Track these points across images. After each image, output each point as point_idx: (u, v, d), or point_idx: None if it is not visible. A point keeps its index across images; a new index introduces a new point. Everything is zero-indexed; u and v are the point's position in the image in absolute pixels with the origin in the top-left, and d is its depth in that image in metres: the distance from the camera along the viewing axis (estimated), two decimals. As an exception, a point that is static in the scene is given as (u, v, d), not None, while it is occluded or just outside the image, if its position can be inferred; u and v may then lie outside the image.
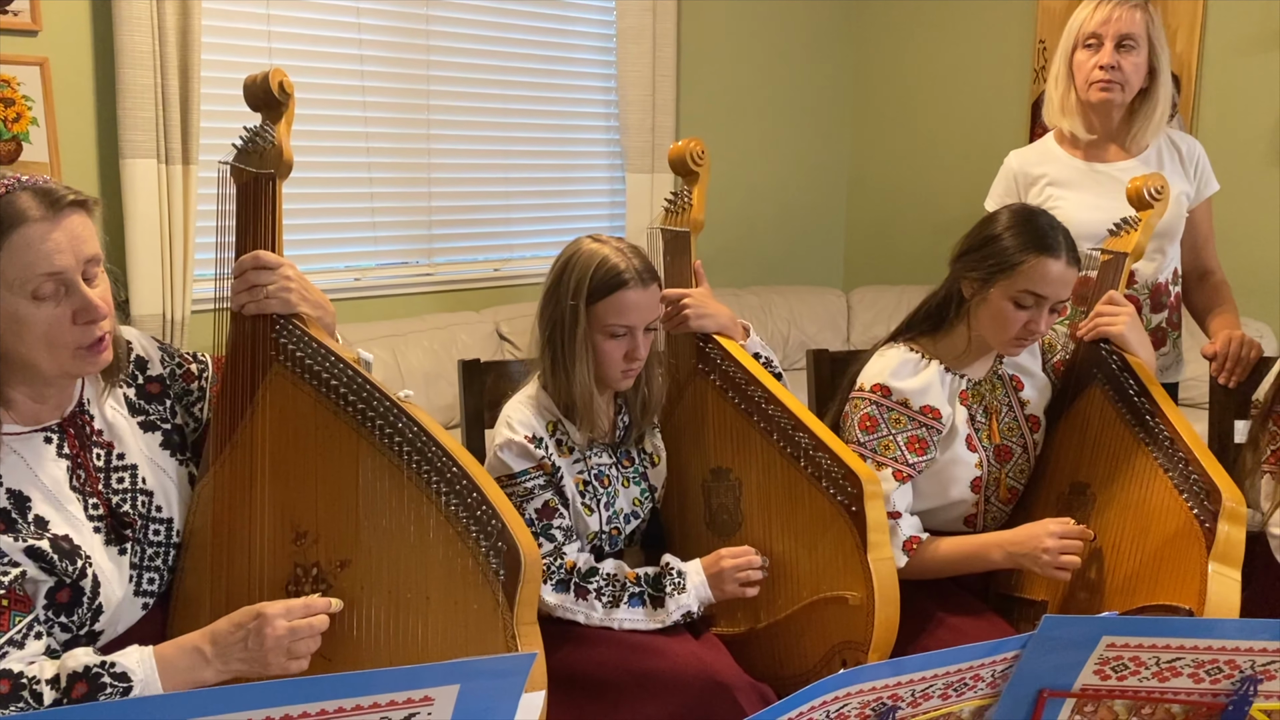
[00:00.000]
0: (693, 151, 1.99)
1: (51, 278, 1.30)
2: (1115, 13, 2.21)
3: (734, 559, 1.78)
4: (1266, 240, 3.65)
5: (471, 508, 1.41)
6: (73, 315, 1.33)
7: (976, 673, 1.24)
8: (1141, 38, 2.23)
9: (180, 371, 1.57)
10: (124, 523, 1.44)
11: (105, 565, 1.40)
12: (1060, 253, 1.84)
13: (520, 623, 1.39)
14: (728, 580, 1.78)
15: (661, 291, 1.89)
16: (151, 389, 1.53)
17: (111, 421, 1.47)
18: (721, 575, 1.78)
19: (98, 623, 1.39)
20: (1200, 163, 2.34)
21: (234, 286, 1.53)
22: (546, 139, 3.99)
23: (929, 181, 4.64)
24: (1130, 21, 2.22)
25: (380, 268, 3.64)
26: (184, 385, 1.57)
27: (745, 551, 1.79)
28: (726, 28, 4.37)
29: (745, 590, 1.78)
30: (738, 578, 1.77)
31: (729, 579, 1.77)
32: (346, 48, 3.45)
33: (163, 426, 1.53)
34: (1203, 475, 1.72)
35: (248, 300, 1.51)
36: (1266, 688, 1.26)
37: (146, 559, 1.47)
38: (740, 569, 1.77)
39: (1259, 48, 3.75)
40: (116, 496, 1.44)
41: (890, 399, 1.92)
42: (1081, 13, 2.25)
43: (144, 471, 1.48)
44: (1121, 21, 2.21)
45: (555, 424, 1.82)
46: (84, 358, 1.36)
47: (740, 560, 1.78)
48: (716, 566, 1.79)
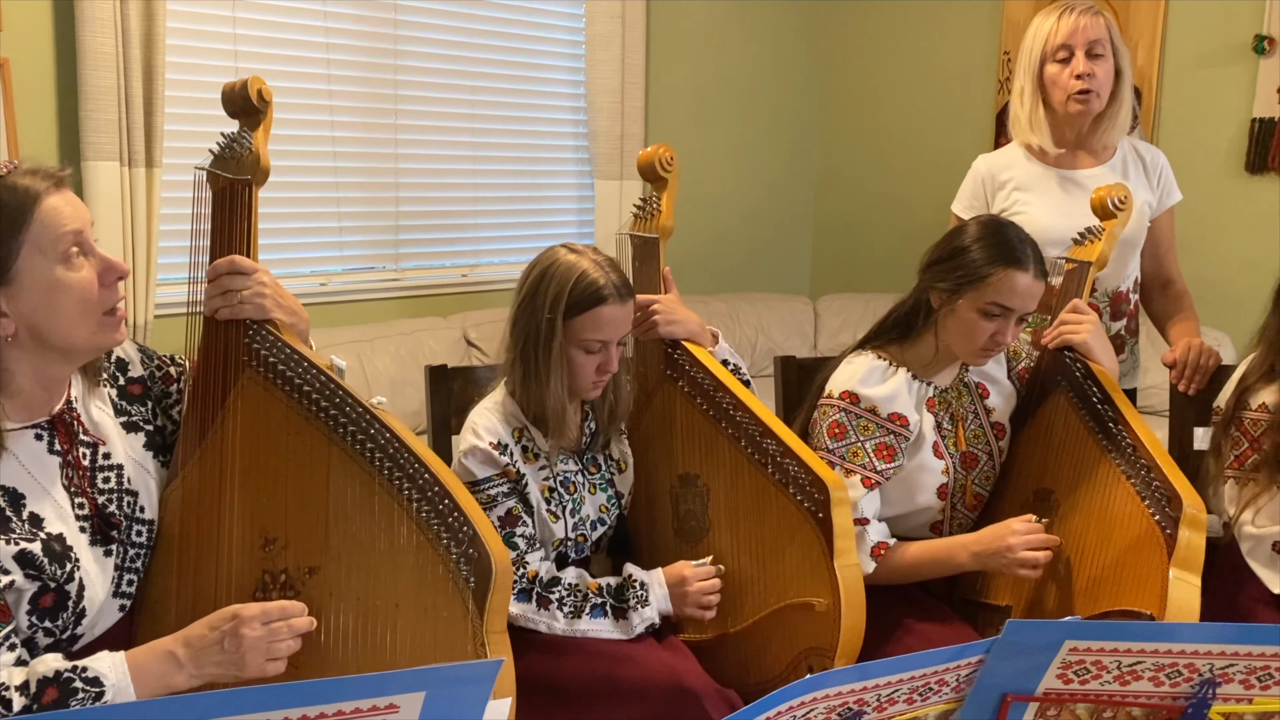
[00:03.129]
0: (661, 158, 2.00)
1: (75, 236, 1.36)
2: (1081, 21, 2.23)
3: (700, 581, 1.78)
4: (1226, 250, 3.72)
5: (443, 515, 1.41)
6: (100, 275, 1.38)
7: (941, 677, 1.25)
8: (1107, 43, 2.26)
9: (160, 374, 1.58)
10: (110, 523, 1.43)
11: (91, 567, 1.39)
12: (1028, 266, 1.87)
13: (490, 631, 1.39)
14: (689, 602, 1.78)
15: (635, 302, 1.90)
16: (133, 390, 1.54)
17: (98, 420, 1.47)
18: (685, 596, 1.78)
19: (80, 626, 1.38)
20: (1164, 173, 2.38)
21: (208, 291, 1.52)
22: (515, 145, 3.99)
23: (896, 190, 4.68)
24: (1097, 28, 2.24)
25: (347, 273, 3.62)
26: (163, 388, 1.57)
27: (707, 573, 1.80)
28: (695, 35, 4.39)
29: (704, 615, 1.79)
30: (700, 602, 1.78)
31: (690, 601, 1.78)
32: (313, 51, 3.43)
33: (145, 428, 1.53)
34: (1164, 482, 1.75)
35: (222, 305, 1.51)
36: (1224, 690, 1.28)
37: (128, 560, 1.46)
38: (704, 593, 1.78)
39: (1218, 60, 3.82)
40: (103, 496, 1.44)
41: (858, 406, 1.94)
42: (1044, 26, 2.26)
43: (129, 471, 1.48)
44: (1089, 29, 2.23)
45: (521, 430, 1.82)
46: (110, 326, 1.39)
47: (704, 584, 1.78)
48: (681, 586, 1.79)
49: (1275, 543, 1.89)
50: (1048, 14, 2.27)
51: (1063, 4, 2.27)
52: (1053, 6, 2.28)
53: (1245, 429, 1.93)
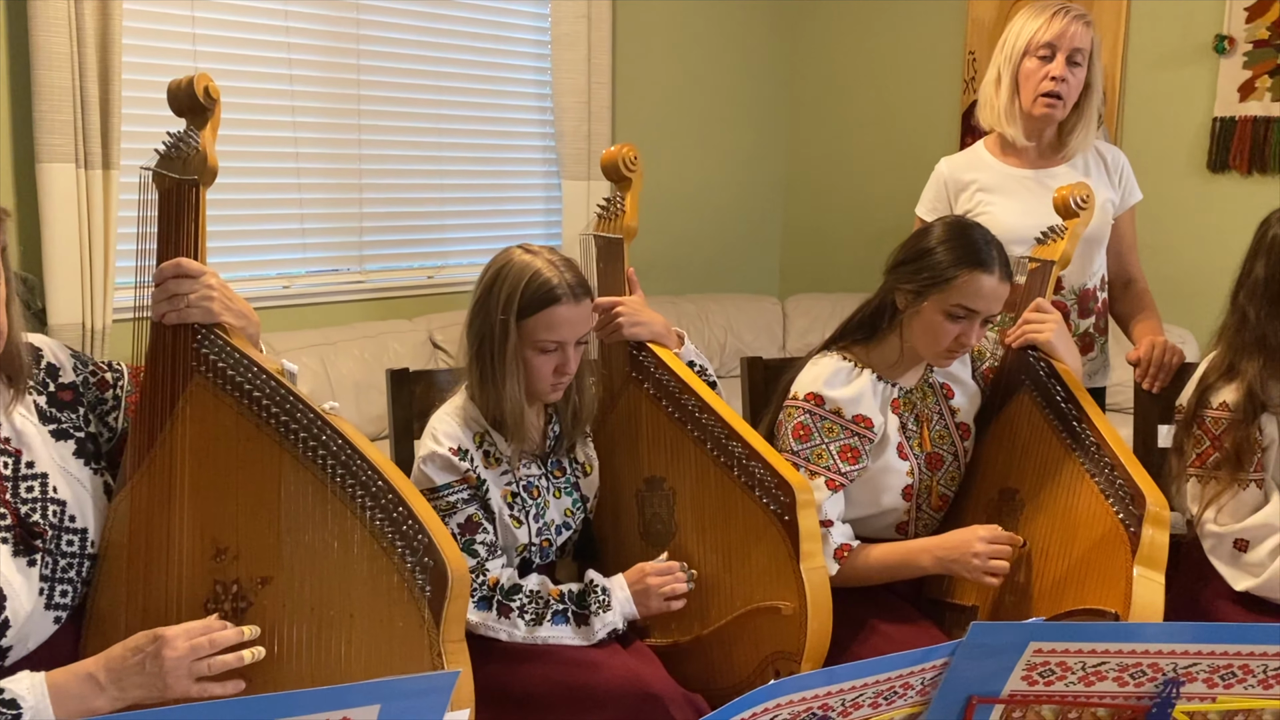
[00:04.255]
0: (625, 157, 1.98)
1: None
2: (1072, 27, 2.23)
3: (659, 576, 1.76)
4: (1189, 248, 3.74)
5: (397, 523, 1.39)
6: None
7: (906, 680, 1.24)
8: (1088, 55, 2.27)
9: (94, 380, 1.53)
10: (33, 533, 1.39)
11: (13, 578, 1.35)
12: (993, 268, 1.86)
13: (447, 640, 1.36)
14: (653, 598, 1.76)
15: (594, 302, 1.87)
16: (64, 396, 1.49)
17: (20, 429, 1.42)
18: (647, 593, 1.76)
19: (4, 638, 1.34)
20: (1125, 172, 2.38)
21: (155, 295, 1.49)
22: (481, 145, 3.95)
23: (863, 190, 4.69)
24: (1083, 37, 2.25)
25: (310, 275, 3.58)
26: (97, 394, 1.53)
27: (669, 568, 1.78)
28: (662, 35, 4.38)
29: (670, 605, 1.77)
30: (663, 593, 1.76)
31: (654, 596, 1.76)
32: (274, 51, 3.38)
33: (76, 435, 1.48)
34: (1128, 480, 1.75)
35: (168, 309, 1.47)
36: (1188, 690, 1.28)
37: (59, 571, 1.42)
38: (665, 585, 1.76)
39: (1179, 60, 3.85)
40: (25, 506, 1.39)
41: (823, 408, 1.93)
42: (1034, 21, 2.26)
43: (55, 480, 1.43)
44: (1076, 37, 2.24)
45: (482, 435, 1.79)
46: None
47: (666, 577, 1.76)
48: (642, 584, 1.77)
49: (1236, 540, 1.90)
50: (1041, 10, 2.27)
51: (1058, 4, 2.27)
52: (1046, 3, 2.27)
53: (1206, 427, 1.94)
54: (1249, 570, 1.89)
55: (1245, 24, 3.67)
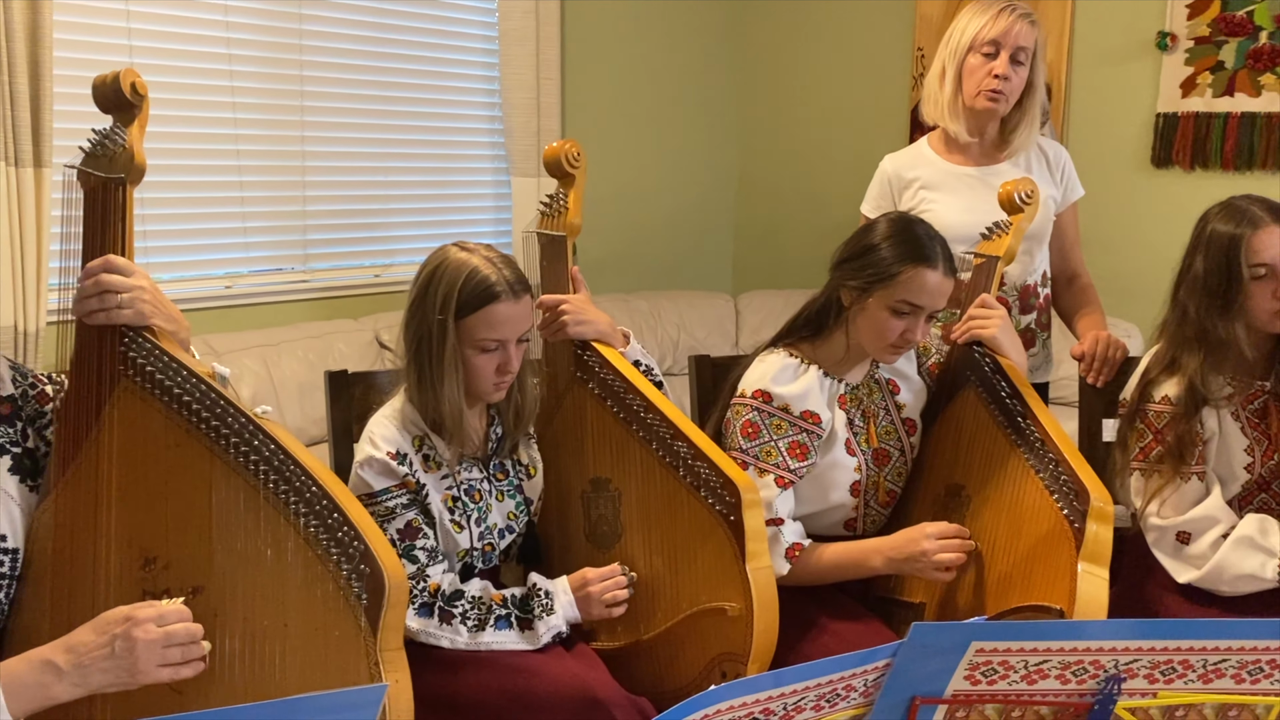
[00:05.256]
0: (568, 153, 1.95)
1: None
2: (1017, 26, 2.24)
3: (600, 582, 1.75)
4: (1134, 242, 3.78)
5: (332, 529, 1.35)
6: None
7: (849, 683, 1.23)
8: (1031, 54, 2.28)
9: (34, 393, 1.48)
10: None
11: None
12: (938, 263, 1.86)
13: (384, 649, 1.33)
14: (594, 604, 1.75)
15: (535, 300, 1.85)
16: (2, 410, 1.44)
17: None
18: (588, 599, 1.75)
19: None
20: (1066, 169, 2.40)
21: (82, 293, 1.43)
22: (428, 141, 3.90)
23: (815, 186, 4.69)
24: (1028, 36, 2.26)
25: (253, 275, 3.51)
26: (37, 407, 1.47)
27: (610, 572, 1.76)
28: (611, 31, 4.35)
29: (612, 612, 1.76)
30: (604, 600, 1.74)
31: (595, 603, 1.74)
32: (214, 46, 3.31)
33: (12, 450, 1.43)
34: (1072, 476, 1.76)
35: (97, 308, 1.42)
36: (1129, 686, 1.28)
37: None
38: (606, 591, 1.74)
39: (1123, 57, 3.89)
40: None
41: (771, 405, 1.92)
42: (980, 18, 2.26)
43: None
44: (1021, 35, 2.24)
45: (421, 439, 1.75)
46: None
47: (607, 583, 1.75)
48: (583, 590, 1.75)
49: (1179, 533, 1.91)
50: (987, 6, 2.27)
51: (1004, 2, 2.27)
52: (991, 1, 2.27)
53: (1149, 421, 1.95)
54: (1191, 563, 1.90)
55: (1186, 21, 3.71)
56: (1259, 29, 3.58)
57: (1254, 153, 3.64)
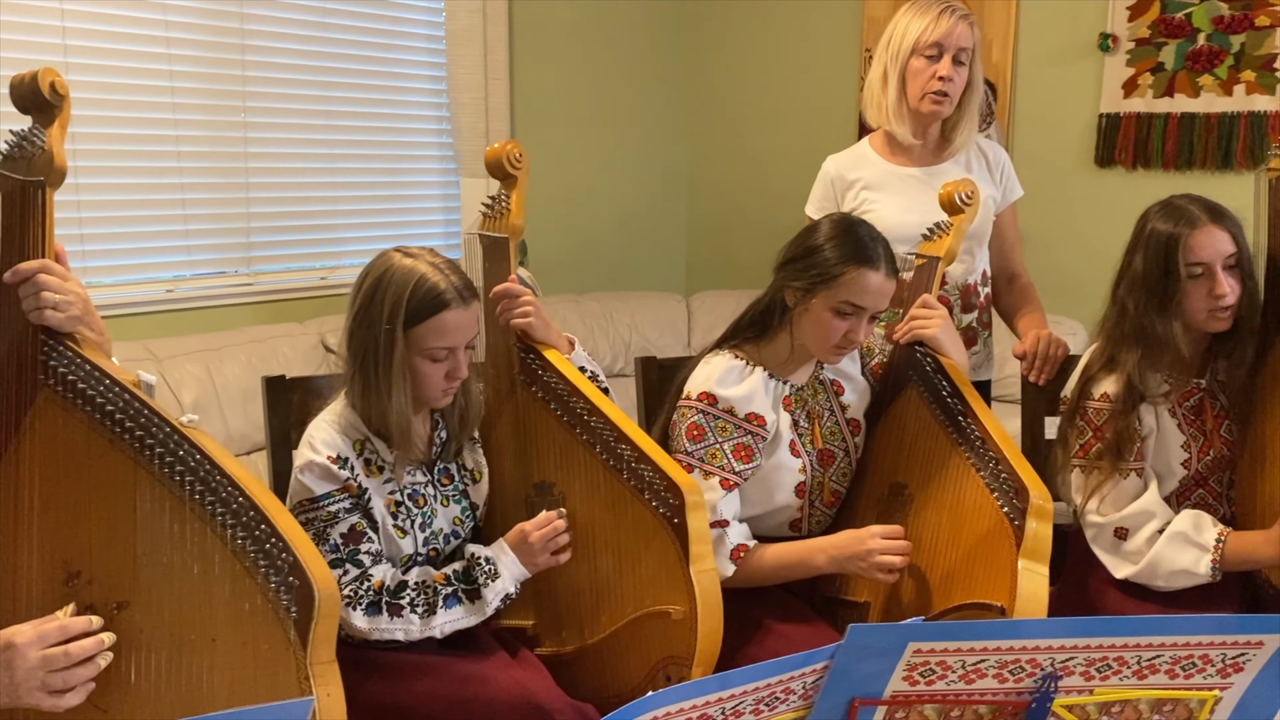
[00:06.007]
0: (510, 154, 1.93)
1: None
2: (958, 27, 2.25)
3: (538, 529, 1.74)
4: (1078, 241, 3.83)
5: (260, 541, 1.32)
6: None
7: (787, 686, 1.22)
8: (971, 54, 2.29)
9: None
10: None
11: None
12: (880, 264, 1.86)
13: (315, 662, 1.31)
14: (538, 552, 1.74)
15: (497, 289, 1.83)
16: None
17: None
18: (530, 548, 1.74)
19: None
20: (1005, 169, 2.41)
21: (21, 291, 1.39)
22: (375, 141, 3.86)
23: (766, 186, 4.70)
24: (968, 37, 2.27)
25: (195, 278, 3.44)
26: None
27: (546, 519, 1.76)
28: (560, 32, 4.33)
29: (558, 558, 1.76)
30: (547, 547, 1.74)
31: (539, 551, 1.74)
32: (153, 45, 3.24)
33: None
34: (1011, 474, 1.77)
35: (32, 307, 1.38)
36: (1066, 683, 1.28)
37: None
38: (547, 537, 1.74)
39: (1067, 58, 3.93)
40: None
41: (716, 407, 1.91)
42: (920, 20, 2.27)
43: None
44: (962, 36, 2.25)
45: (363, 443, 1.73)
46: None
47: (546, 530, 1.75)
48: (524, 542, 1.74)
49: (1117, 529, 1.93)
50: (926, 8, 2.27)
51: (942, 3, 2.28)
52: (928, 2, 2.28)
53: (1089, 418, 1.97)
54: (1128, 558, 1.92)
55: (1127, 22, 3.76)
56: (1197, 31, 3.64)
57: (1194, 153, 3.69)
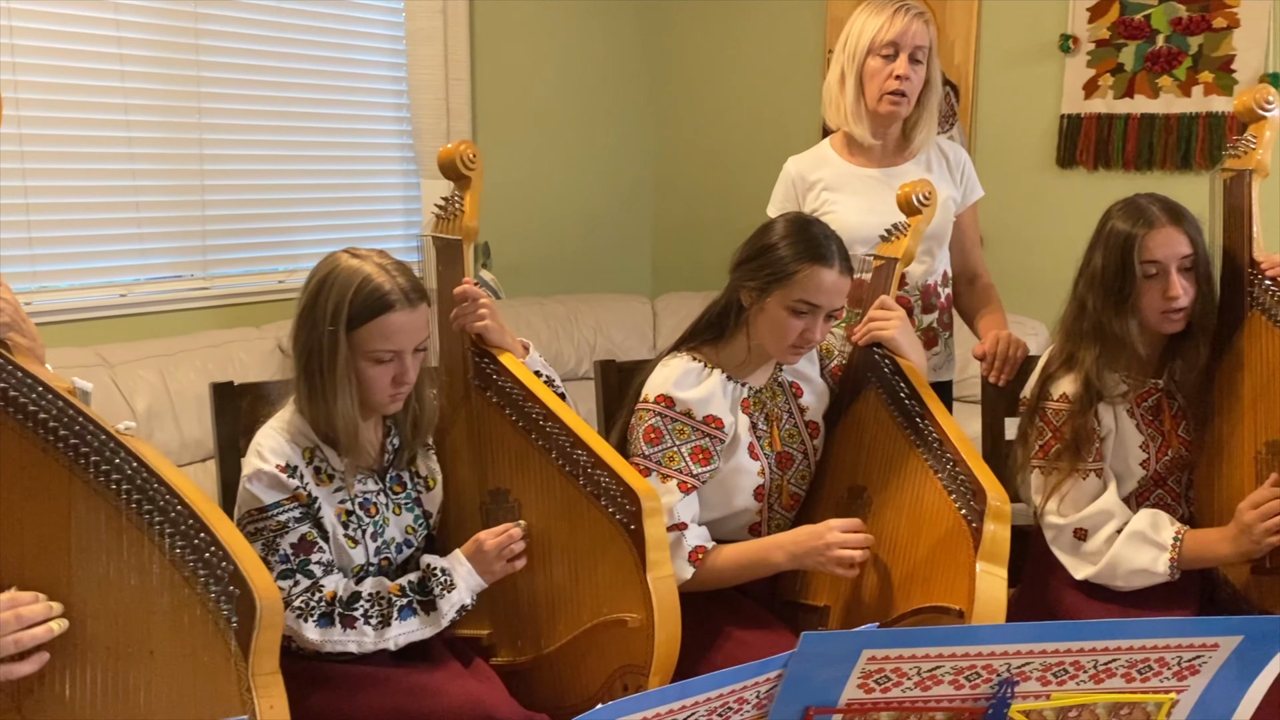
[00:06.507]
0: (463, 154, 1.90)
1: None
2: (913, 25, 2.24)
3: (494, 538, 1.72)
4: (1040, 241, 3.84)
5: (199, 550, 1.29)
6: None
7: (740, 695, 1.20)
8: (927, 52, 2.28)
9: None
10: None
11: None
12: (834, 262, 1.85)
13: (257, 674, 1.27)
14: (494, 560, 1.72)
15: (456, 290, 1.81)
16: None
17: None
18: (486, 557, 1.71)
19: None
20: (966, 170, 2.41)
21: None
22: (334, 143, 3.80)
23: (732, 188, 4.68)
24: (924, 35, 2.26)
25: (149, 282, 3.37)
26: None
27: (504, 529, 1.74)
28: (522, 31, 4.29)
29: (513, 565, 1.73)
30: (502, 555, 1.72)
31: (495, 559, 1.71)
32: (103, 45, 3.18)
33: None
34: (969, 475, 1.76)
35: None
36: (1023, 689, 1.27)
37: None
38: (503, 546, 1.72)
39: (1028, 59, 3.94)
40: None
41: (674, 409, 1.89)
42: (875, 20, 2.26)
43: None
44: (918, 35, 2.25)
45: (312, 450, 1.69)
46: None
47: (502, 538, 1.72)
48: (479, 551, 1.72)
49: (1076, 529, 1.93)
50: (880, 8, 2.26)
51: (897, 3, 2.27)
52: (883, 2, 2.28)
53: (1048, 419, 1.96)
54: (1087, 559, 1.92)
55: (1088, 24, 3.78)
56: (1156, 32, 3.66)
57: (1154, 153, 3.71)
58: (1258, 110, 1.98)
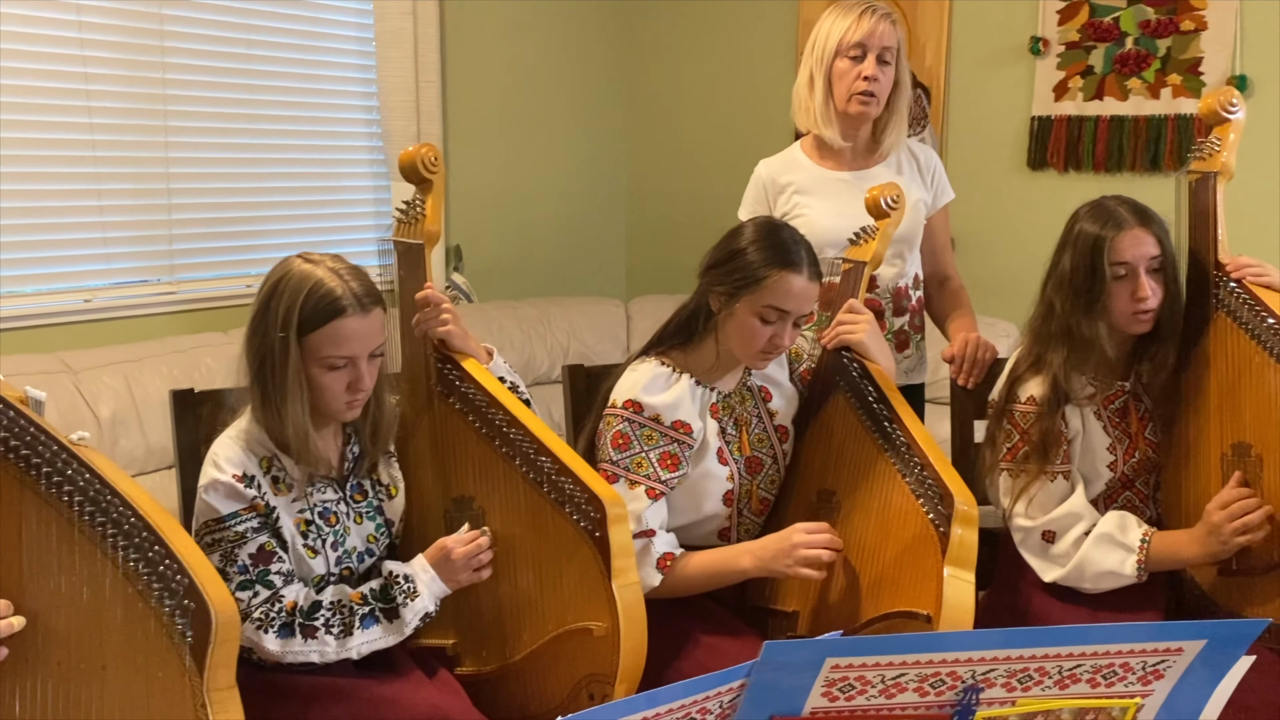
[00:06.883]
0: (424, 158, 1.88)
1: None
2: (880, 26, 2.24)
3: (462, 547, 1.69)
4: (1012, 243, 3.85)
5: (154, 563, 1.27)
6: None
7: (703, 706, 1.19)
8: (895, 53, 2.28)
9: None
10: None
11: None
12: (802, 268, 1.84)
13: (212, 688, 1.25)
14: (460, 569, 1.69)
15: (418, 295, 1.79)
16: None
17: None
18: (452, 565, 1.68)
19: None
20: (936, 172, 2.41)
21: None
22: (303, 146, 3.76)
23: (705, 190, 4.67)
24: (891, 36, 2.26)
25: (114, 287, 3.33)
26: None
27: (471, 536, 1.71)
28: (494, 34, 4.27)
29: (480, 575, 1.70)
30: (470, 564, 1.69)
31: (461, 568, 1.69)
32: (66, 47, 3.13)
33: None
34: (936, 480, 1.75)
35: None
36: (988, 695, 1.27)
37: None
38: (470, 555, 1.69)
39: (999, 61, 3.95)
40: None
41: (642, 415, 1.88)
42: (842, 21, 2.26)
43: None
44: (885, 35, 2.25)
45: (270, 459, 1.66)
46: None
47: (470, 547, 1.69)
48: (445, 558, 1.69)
49: (1044, 532, 1.93)
50: (848, 10, 2.26)
51: (863, 3, 2.27)
52: (852, 3, 2.27)
53: (1015, 421, 1.96)
54: (1056, 561, 1.92)
55: (1057, 26, 3.79)
56: (1125, 34, 3.68)
57: (1124, 155, 3.72)
58: (1221, 113, 1.99)
